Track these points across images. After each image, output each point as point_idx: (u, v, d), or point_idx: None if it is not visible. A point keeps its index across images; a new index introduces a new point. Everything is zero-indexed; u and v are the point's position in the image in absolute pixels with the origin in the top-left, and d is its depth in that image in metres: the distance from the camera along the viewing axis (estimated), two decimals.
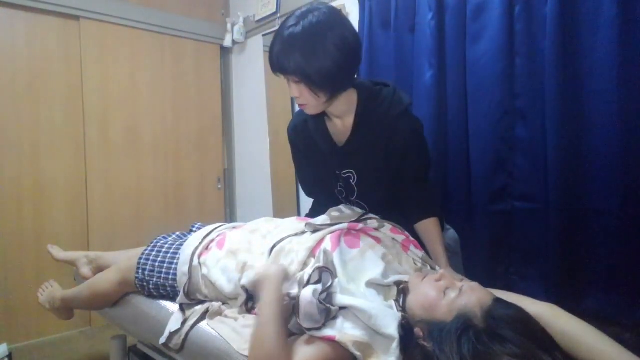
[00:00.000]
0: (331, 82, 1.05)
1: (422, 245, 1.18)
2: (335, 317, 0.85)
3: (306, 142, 1.30)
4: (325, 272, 0.89)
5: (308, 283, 0.88)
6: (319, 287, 0.86)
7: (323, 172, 1.30)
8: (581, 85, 1.26)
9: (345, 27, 1.06)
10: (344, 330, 0.81)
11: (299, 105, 1.15)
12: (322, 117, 1.23)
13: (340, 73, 1.04)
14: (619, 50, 1.17)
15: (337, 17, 1.06)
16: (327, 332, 0.81)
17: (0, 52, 2.10)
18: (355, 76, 1.18)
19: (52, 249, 1.71)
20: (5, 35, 2.11)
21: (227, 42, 2.86)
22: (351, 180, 1.25)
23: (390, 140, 1.18)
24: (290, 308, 0.87)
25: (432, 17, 1.57)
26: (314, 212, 1.36)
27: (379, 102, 1.18)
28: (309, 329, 0.82)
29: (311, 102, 1.10)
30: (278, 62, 1.05)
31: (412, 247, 1.11)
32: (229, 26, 2.84)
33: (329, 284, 0.87)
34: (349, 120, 1.20)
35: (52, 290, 1.63)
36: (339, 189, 1.30)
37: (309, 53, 1.01)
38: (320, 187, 1.37)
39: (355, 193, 1.26)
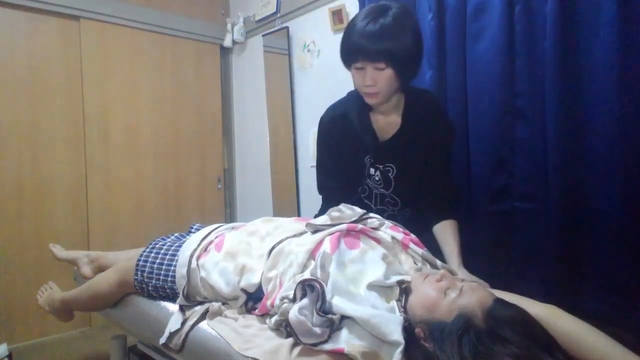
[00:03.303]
0: (413, 63, 1.20)
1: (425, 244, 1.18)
2: (340, 328, 0.84)
3: (343, 135, 1.34)
4: (309, 284, 0.88)
5: (295, 300, 0.88)
6: (305, 301, 0.85)
7: (353, 165, 1.35)
8: (581, 85, 1.26)
9: (416, 19, 1.30)
10: (351, 342, 0.81)
11: (368, 94, 1.22)
12: (367, 112, 1.31)
13: (419, 56, 1.21)
14: (619, 50, 1.17)
15: (410, 10, 1.26)
16: (335, 344, 0.81)
17: (0, 52, 2.10)
18: None
19: (53, 248, 1.71)
20: (5, 35, 2.11)
21: (227, 42, 2.86)
22: (389, 174, 1.33)
23: (432, 138, 1.31)
24: (286, 312, 0.86)
25: (432, 17, 1.57)
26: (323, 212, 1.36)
27: (423, 104, 1.32)
28: (315, 344, 0.82)
29: (385, 90, 1.20)
30: (368, 50, 1.14)
31: (411, 245, 1.10)
32: (229, 26, 2.84)
33: (317, 297, 0.85)
34: (392, 117, 1.32)
35: (51, 292, 1.63)
36: (376, 179, 1.35)
37: (400, 38, 1.14)
38: (344, 182, 1.38)
39: (392, 186, 1.34)
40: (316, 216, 1.43)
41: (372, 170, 1.35)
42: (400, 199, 1.36)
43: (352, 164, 1.36)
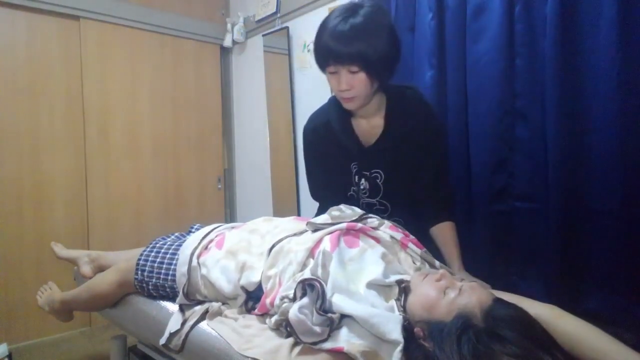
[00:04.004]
0: (387, 66, 1.13)
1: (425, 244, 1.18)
2: (339, 327, 0.84)
3: (327, 143, 1.31)
4: (309, 283, 0.88)
5: (294, 299, 0.88)
6: (305, 301, 0.85)
7: (340, 173, 1.32)
8: (581, 85, 1.26)
9: (390, 16, 1.22)
10: (351, 340, 0.81)
11: (344, 99, 1.18)
12: (348, 117, 1.27)
13: (394, 58, 1.14)
14: (619, 50, 1.17)
15: (383, 7, 1.20)
16: (335, 343, 0.81)
17: (0, 52, 2.10)
18: None
19: (55, 247, 1.72)
20: (5, 35, 2.11)
21: (227, 42, 2.86)
22: (378, 180, 1.28)
23: (419, 139, 1.25)
24: (286, 312, 0.87)
25: (432, 17, 1.56)
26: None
27: (407, 103, 1.25)
28: (315, 343, 0.82)
29: (361, 93, 1.14)
30: (338, 53, 1.08)
31: (410, 245, 1.10)
32: (229, 26, 2.84)
33: (318, 296, 0.85)
34: (375, 120, 1.25)
35: (50, 293, 1.63)
36: (361, 188, 1.31)
37: (371, 39, 1.07)
38: (333, 189, 1.37)
39: (381, 192, 1.29)
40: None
41: (357, 179, 1.31)
42: (390, 204, 1.31)
43: (339, 173, 1.32)
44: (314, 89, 2.34)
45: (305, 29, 2.38)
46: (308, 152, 1.40)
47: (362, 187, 1.31)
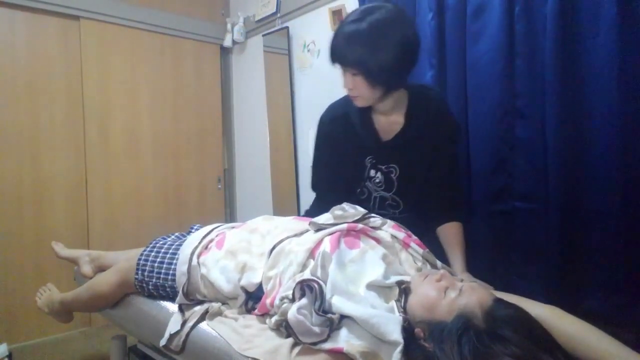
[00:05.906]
0: (390, 77, 1.12)
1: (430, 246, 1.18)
2: (339, 328, 0.85)
3: (344, 135, 1.31)
4: (308, 284, 0.88)
5: (294, 300, 0.88)
6: (304, 301, 0.85)
7: (352, 166, 1.32)
8: (581, 85, 1.26)
9: (408, 26, 1.13)
10: (351, 341, 0.81)
11: (351, 97, 1.21)
12: (369, 112, 1.28)
13: (399, 69, 1.13)
14: (619, 50, 1.17)
15: (401, 15, 1.13)
16: (334, 344, 0.81)
17: (0, 52, 2.10)
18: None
19: (55, 246, 1.71)
20: (5, 35, 2.11)
21: (227, 42, 2.86)
22: (392, 175, 1.29)
23: (437, 137, 1.27)
24: (286, 312, 0.87)
25: (432, 17, 1.57)
26: (317, 209, 1.35)
27: (428, 103, 1.27)
28: (314, 343, 0.83)
29: (364, 95, 1.16)
30: (340, 55, 1.12)
31: (412, 245, 1.10)
32: (229, 26, 2.84)
33: (316, 297, 0.86)
34: (395, 117, 1.26)
35: (50, 294, 1.63)
36: (376, 182, 1.31)
37: (372, 48, 1.07)
38: (339, 184, 1.36)
39: (395, 187, 1.30)
40: (307, 212, 1.43)
41: (372, 172, 1.31)
42: (402, 201, 1.32)
43: (352, 166, 1.33)
44: (314, 89, 2.34)
45: (305, 29, 2.38)
46: (322, 143, 1.39)
47: (377, 180, 1.31)
